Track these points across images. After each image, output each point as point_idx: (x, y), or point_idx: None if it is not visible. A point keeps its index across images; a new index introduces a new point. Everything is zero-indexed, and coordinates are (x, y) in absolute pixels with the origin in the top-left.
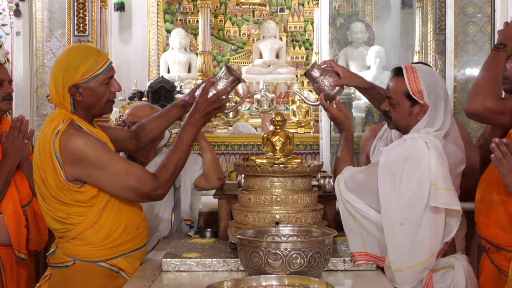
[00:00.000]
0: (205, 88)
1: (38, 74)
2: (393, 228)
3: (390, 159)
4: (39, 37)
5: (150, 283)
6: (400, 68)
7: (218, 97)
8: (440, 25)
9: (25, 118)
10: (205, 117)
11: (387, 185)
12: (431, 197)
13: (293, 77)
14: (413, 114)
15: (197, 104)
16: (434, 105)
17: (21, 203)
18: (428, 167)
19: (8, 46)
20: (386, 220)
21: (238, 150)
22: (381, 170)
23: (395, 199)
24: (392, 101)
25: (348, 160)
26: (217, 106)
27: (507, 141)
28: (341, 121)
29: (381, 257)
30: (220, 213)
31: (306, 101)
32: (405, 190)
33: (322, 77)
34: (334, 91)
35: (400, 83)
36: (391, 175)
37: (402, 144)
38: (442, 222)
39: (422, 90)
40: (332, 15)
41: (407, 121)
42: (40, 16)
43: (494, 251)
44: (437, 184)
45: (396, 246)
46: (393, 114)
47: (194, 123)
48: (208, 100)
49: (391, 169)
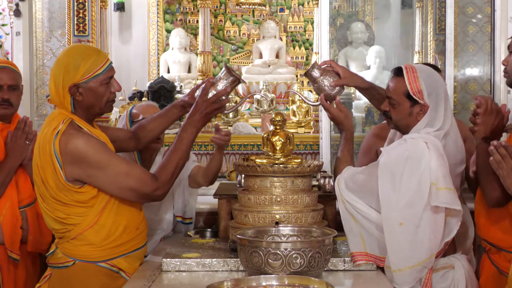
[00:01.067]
0: (205, 88)
1: (38, 74)
2: (393, 228)
3: (390, 159)
4: (39, 37)
5: (150, 283)
6: (400, 68)
7: (218, 97)
8: (440, 25)
9: (29, 119)
10: (205, 117)
11: (387, 185)
12: (432, 197)
13: (293, 77)
14: (413, 114)
15: (197, 105)
16: (435, 105)
17: (22, 204)
18: (428, 167)
19: (8, 46)
20: (386, 220)
21: (238, 150)
22: (381, 170)
23: (395, 199)
24: (392, 101)
25: (349, 160)
26: (217, 106)
27: (506, 143)
28: (341, 121)
29: (381, 257)
30: (220, 213)
31: (306, 101)
32: (406, 190)
33: (322, 77)
34: (334, 91)
35: (400, 83)
36: (391, 175)
37: (402, 144)
38: (442, 222)
39: (422, 90)
40: (332, 15)
41: (407, 121)
42: (40, 16)
43: (495, 252)
44: (438, 184)
45: (396, 246)
46: (393, 114)
47: (194, 124)
48: (208, 100)
49: (391, 169)
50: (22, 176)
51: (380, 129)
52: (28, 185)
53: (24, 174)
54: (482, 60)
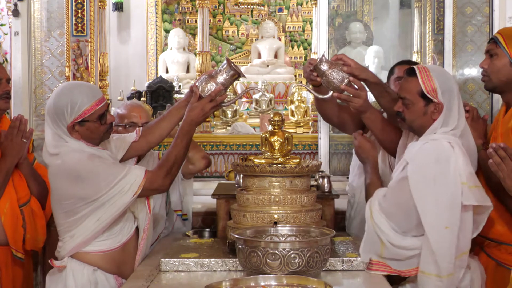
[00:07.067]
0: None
1: (36, 74)
2: (439, 233)
3: (418, 166)
4: (37, 37)
5: (149, 283)
6: (413, 69)
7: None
8: (438, 25)
9: (24, 117)
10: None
11: (422, 192)
12: (464, 196)
13: (292, 77)
14: (428, 113)
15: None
16: (449, 104)
17: (19, 203)
18: (457, 167)
19: (6, 46)
20: (431, 227)
21: (236, 150)
22: (412, 179)
23: (434, 203)
24: (406, 101)
25: (379, 184)
26: (214, 104)
27: (505, 145)
28: (367, 150)
29: (400, 271)
30: (219, 213)
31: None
32: (443, 193)
33: (330, 70)
34: (343, 84)
35: (413, 83)
36: (424, 181)
37: (426, 148)
38: (471, 220)
39: (436, 88)
40: (330, 15)
41: (422, 121)
42: (39, 16)
43: (493, 246)
44: (469, 182)
45: (447, 250)
46: (407, 114)
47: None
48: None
49: (423, 174)
50: (17, 175)
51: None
52: (23, 184)
53: (19, 173)
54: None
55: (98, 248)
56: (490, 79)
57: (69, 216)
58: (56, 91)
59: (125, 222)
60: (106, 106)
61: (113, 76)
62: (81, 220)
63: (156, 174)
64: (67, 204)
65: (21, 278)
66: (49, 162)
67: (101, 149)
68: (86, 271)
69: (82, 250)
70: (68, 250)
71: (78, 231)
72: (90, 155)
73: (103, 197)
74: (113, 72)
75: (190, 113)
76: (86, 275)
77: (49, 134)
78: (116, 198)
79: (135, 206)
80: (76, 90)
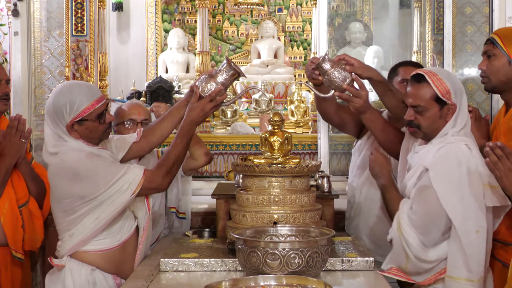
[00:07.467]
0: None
1: (36, 74)
2: (470, 238)
3: (442, 172)
4: (37, 37)
5: (148, 283)
6: (419, 75)
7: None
8: (438, 25)
9: (22, 117)
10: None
11: (450, 197)
12: (487, 198)
13: (291, 77)
14: (443, 116)
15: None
16: (460, 103)
17: (18, 203)
18: (477, 169)
19: (6, 46)
20: (463, 232)
21: (236, 150)
22: (438, 185)
23: (462, 208)
24: (420, 109)
25: (399, 197)
26: (214, 104)
27: (502, 144)
28: (382, 165)
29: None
30: (218, 213)
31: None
32: (469, 196)
33: (333, 70)
34: (346, 83)
35: (425, 89)
36: (449, 186)
37: (446, 153)
38: (491, 221)
39: (449, 90)
40: (330, 15)
41: (437, 125)
42: (38, 16)
43: (499, 247)
44: (491, 183)
45: (479, 254)
46: (422, 121)
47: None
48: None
49: (448, 180)
50: (16, 176)
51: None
52: (22, 185)
53: (18, 174)
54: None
55: (98, 247)
56: (490, 80)
57: (68, 215)
58: (55, 91)
59: (125, 221)
60: (105, 105)
61: (112, 76)
62: (80, 219)
63: (155, 173)
64: (66, 203)
65: (20, 279)
66: (48, 161)
67: (101, 148)
68: (85, 271)
69: (82, 249)
70: (67, 249)
71: (77, 230)
72: (89, 153)
73: (101, 195)
74: (113, 72)
75: (190, 113)
76: (84, 275)
77: (48, 133)
78: (115, 196)
79: (134, 205)
80: (75, 90)
